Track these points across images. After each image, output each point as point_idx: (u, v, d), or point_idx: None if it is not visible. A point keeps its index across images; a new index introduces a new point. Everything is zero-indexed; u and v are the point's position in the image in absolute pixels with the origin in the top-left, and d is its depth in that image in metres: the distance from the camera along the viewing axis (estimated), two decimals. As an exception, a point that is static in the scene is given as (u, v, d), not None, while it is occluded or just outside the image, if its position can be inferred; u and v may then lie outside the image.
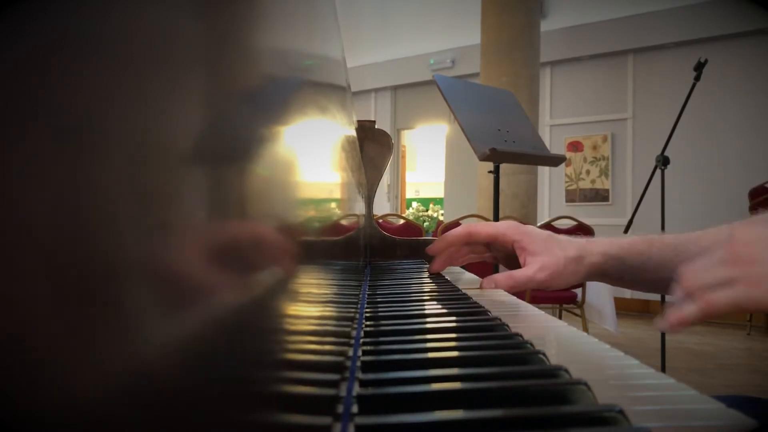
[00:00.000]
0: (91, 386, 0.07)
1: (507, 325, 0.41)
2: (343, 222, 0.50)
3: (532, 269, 0.64)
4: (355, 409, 0.26)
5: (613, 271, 0.63)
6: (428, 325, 0.44)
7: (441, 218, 6.18)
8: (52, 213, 0.06)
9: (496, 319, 0.44)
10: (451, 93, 1.80)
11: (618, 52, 5.11)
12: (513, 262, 0.69)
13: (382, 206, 6.14)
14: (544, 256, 0.64)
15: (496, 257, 0.74)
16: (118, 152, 0.08)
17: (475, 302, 0.54)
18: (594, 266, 0.63)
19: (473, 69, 5.03)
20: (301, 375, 0.20)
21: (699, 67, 2.38)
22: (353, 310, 0.47)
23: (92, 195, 0.07)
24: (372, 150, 1.12)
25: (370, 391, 0.27)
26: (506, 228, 0.69)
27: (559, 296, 2.89)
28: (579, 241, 0.65)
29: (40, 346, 0.06)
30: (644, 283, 0.63)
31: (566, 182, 5.36)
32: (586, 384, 0.27)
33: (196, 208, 0.11)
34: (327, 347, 0.27)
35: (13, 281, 0.06)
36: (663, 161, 2.44)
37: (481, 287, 0.70)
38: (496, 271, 1.34)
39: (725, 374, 2.90)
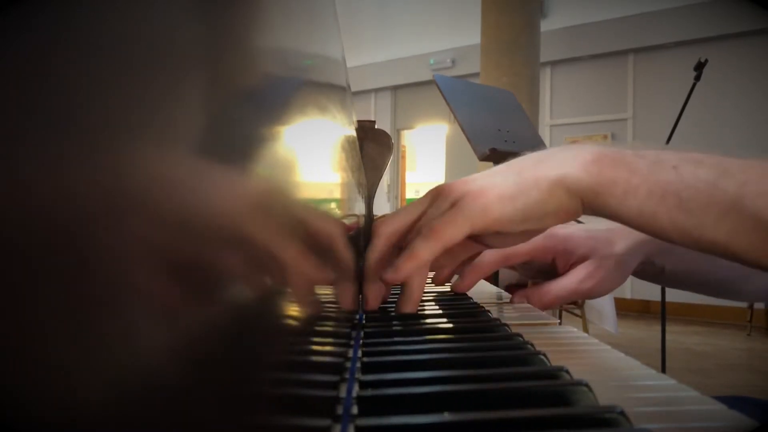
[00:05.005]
0: (90, 385, 0.07)
1: (508, 326, 0.41)
2: (343, 222, 0.50)
3: (575, 279, 0.54)
4: (355, 410, 0.26)
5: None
6: (428, 326, 0.44)
7: (441, 218, 6.16)
8: (51, 213, 0.06)
9: (496, 320, 0.44)
10: (451, 93, 1.81)
11: (618, 52, 5.11)
12: (546, 276, 0.58)
13: (382, 206, 6.14)
14: (590, 259, 0.54)
15: (525, 275, 0.63)
16: (116, 152, 0.08)
17: (476, 303, 0.54)
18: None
19: (473, 69, 5.03)
20: (301, 376, 0.20)
21: (699, 67, 2.38)
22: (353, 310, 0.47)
23: (92, 195, 0.07)
24: (372, 150, 1.12)
25: (370, 392, 0.27)
26: (545, 241, 0.56)
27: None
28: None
29: (41, 346, 0.06)
30: None
31: (566, 182, 5.35)
32: (587, 385, 0.27)
33: (195, 209, 0.11)
34: (327, 348, 0.27)
35: (12, 281, 0.06)
36: (663, 161, 2.43)
37: (511, 302, 0.58)
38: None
39: (725, 374, 2.90)
